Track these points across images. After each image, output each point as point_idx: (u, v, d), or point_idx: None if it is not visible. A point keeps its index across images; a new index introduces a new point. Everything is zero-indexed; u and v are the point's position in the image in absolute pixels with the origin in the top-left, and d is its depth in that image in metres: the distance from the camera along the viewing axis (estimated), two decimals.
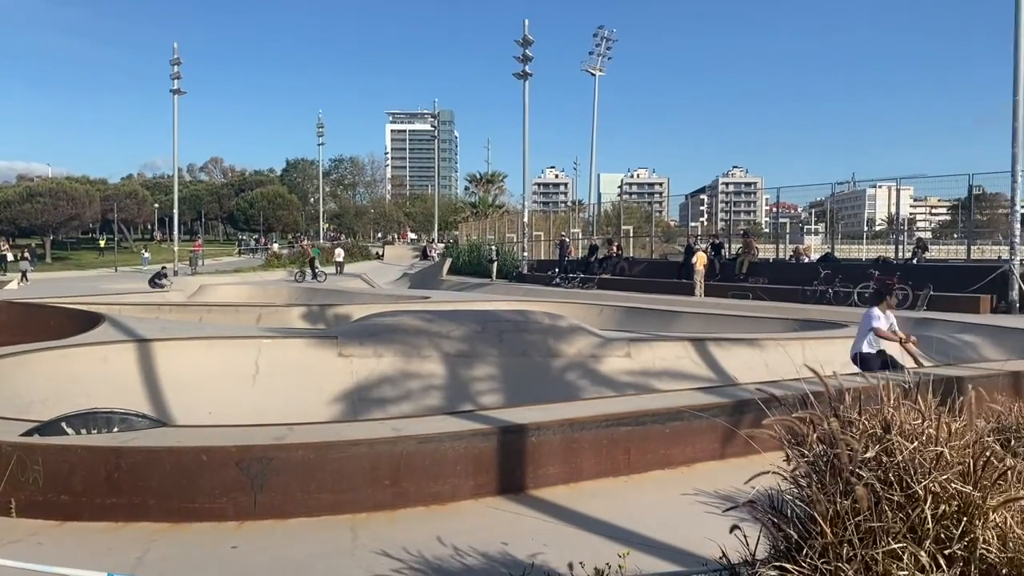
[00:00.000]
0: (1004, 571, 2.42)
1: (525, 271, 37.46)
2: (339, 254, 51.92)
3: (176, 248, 49.41)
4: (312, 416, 8.92)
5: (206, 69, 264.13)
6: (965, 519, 2.45)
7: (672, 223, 79.74)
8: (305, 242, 54.56)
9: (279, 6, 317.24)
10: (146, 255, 62.05)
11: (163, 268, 36.75)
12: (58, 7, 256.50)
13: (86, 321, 12.98)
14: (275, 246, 51.69)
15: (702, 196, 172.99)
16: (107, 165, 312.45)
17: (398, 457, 5.34)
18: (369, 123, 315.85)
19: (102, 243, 57.48)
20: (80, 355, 10.20)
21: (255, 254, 69.01)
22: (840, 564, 2.42)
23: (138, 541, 4.76)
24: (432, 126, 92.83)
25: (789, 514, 2.71)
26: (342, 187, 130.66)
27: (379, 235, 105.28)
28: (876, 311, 9.67)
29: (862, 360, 9.47)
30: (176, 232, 50.47)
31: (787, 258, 30.60)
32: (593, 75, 49.64)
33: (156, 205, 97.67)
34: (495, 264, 38.01)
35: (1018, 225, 21.24)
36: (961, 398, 3.02)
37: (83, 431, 5.44)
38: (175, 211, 49.91)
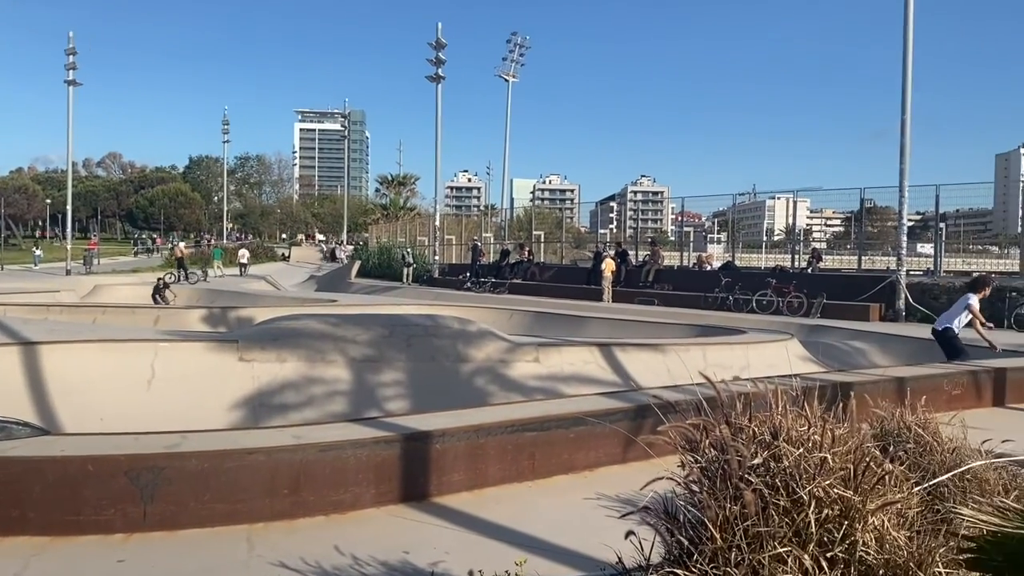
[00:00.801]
0: (882, 572, 2.53)
1: (436, 275, 37.32)
2: (243, 255, 50.79)
3: (69, 246, 47.12)
4: (211, 423, 8.63)
5: (105, 59, 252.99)
6: (846, 523, 2.55)
7: (583, 229, 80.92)
8: (180, 244, 52.86)
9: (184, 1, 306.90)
10: (37, 253, 58.99)
11: (166, 276, 32.81)
12: None
13: None
14: (181, 244, 49.92)
15: (611, 204, 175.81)
16: None
17: (298, 465, 5.22)
18: (277, 121, 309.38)
19: None
20: None
21: (151, 254, 65.52)
22: (729, 568, 2.49)
23: (16, 557, 4.49)
24: (342, 126, 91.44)
25: (682, 519, 2.76)
26: (248, 186, 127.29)
27: (283, 236, 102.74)
28: (973, 296, 11.67)
29: (950, 337, 11.64)
30: (69, 229, 48.13)
31: (691, 266, 31.47)
32: (507, 81, 50.00)
33: (48, 201, 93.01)
34: (411, 268, 37.50)
35: (904, 237, 22.45)
36: (841, 404, 3.14)
37: None
38: (68, 207, 47.61)
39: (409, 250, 40.06)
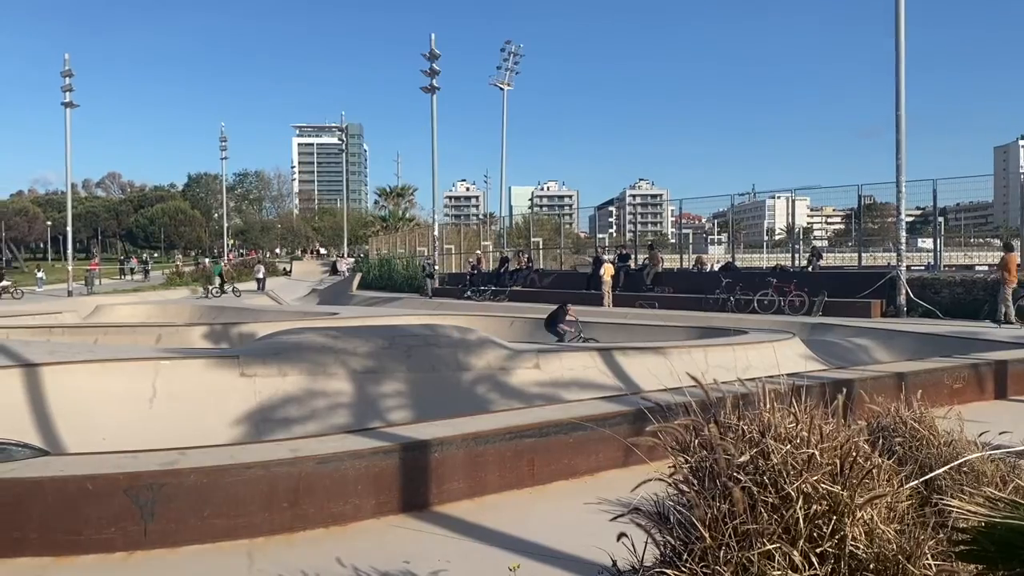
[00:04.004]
0: (872, 566, 2.53)
1: (437, 284, 37.34)
2: (259, 270, 51.59)
3: (71, 268, 47.20)
4: (213, 439, 8.62)
5: (102, 79, 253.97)
6: (835, 518, 2.56)
7: (582, 234, 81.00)
8: (206, 260, 53.65)
9: (178, 16, 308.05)
10: (40, 275, 59.09)
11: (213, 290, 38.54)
12: None
13: None
14: (207, 261, 50.59)
15: (610, 208, 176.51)
16: None
17: (297, 478, 5.23)
18: (275, 137, 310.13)
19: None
20: None
21: (139, 276, 62.55)
22: (718, 567, 2.49)
23: None
24: (340, 139, 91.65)
25: (673, 520, 2.77)
26: (248, 202, 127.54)
27: (278, 251, 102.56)
28: None
29: None
30: (70, 251, 48.21)
31: (691, 267, 31.48)
32: (502, 89, 50.10)
33: (49, 223, 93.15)
34: (433, 280, 36.72)
35: (903, 233, 22.46)
36: (834, 402, 3.15)
37: None
38: (68, 229, 47.71)
39: (431, 261, 39.58)
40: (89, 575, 4.59)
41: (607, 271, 27.37)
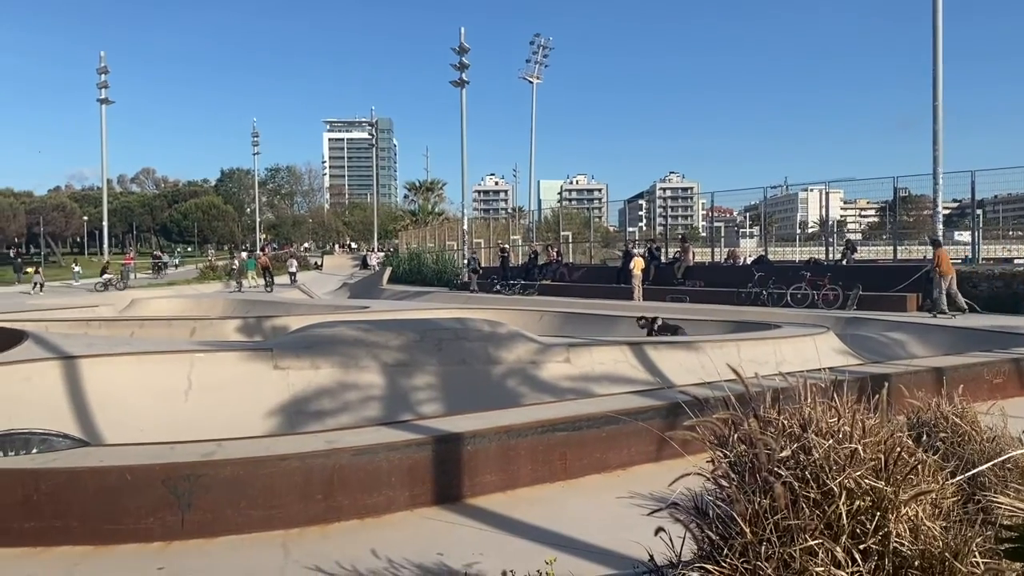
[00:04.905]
0: (917, 563, 2.48)
1: (466, 279, 37.39)
2: (292, 264, 52.22)
3: (107, 261, 47.98)
4: (247, 431, 8.72)
5: (137, 78, 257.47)
6: (879, 514, 2.52)
7: (611, 228, 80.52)
8: (258, 253, 54.14)
9: (211, 14, 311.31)
10: (77, 269, 60.14)
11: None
12: None
13: (8, 339, 12.48)
14: (259, 253, 51.06)
15: (640, 201, 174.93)
16: (32, 177, 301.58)
17: (331, 470, 5.26)
18: (306, 132, 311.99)
19: (30, 270, 55.42)
20: (1, 374, 9.80)
21: (157, 273, 59.86)
22: (759, 563, 2.46)
23: (60, 566, 4.59)
24: (370, 134, 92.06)
25: (712, 515, 2.74)
26: (279, 197, 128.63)
27: (305, 246, 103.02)
28: None
29: None
30: (106, 246, 49.01)
31: (723, 261, 31.19)
32: (531, 83, 50.01)
33: (85, 218, 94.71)
34: (477, 275, 36.18)
35: (940, 226, 22.08)
36: (875, 395, 3.09)
37: None
38: (104, 224, 48.52)
39: (475, 256, 39.28)
40: (128, 564, 4.66)
41: (637, 265, 27.21)
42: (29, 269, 47.83)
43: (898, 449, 2.65)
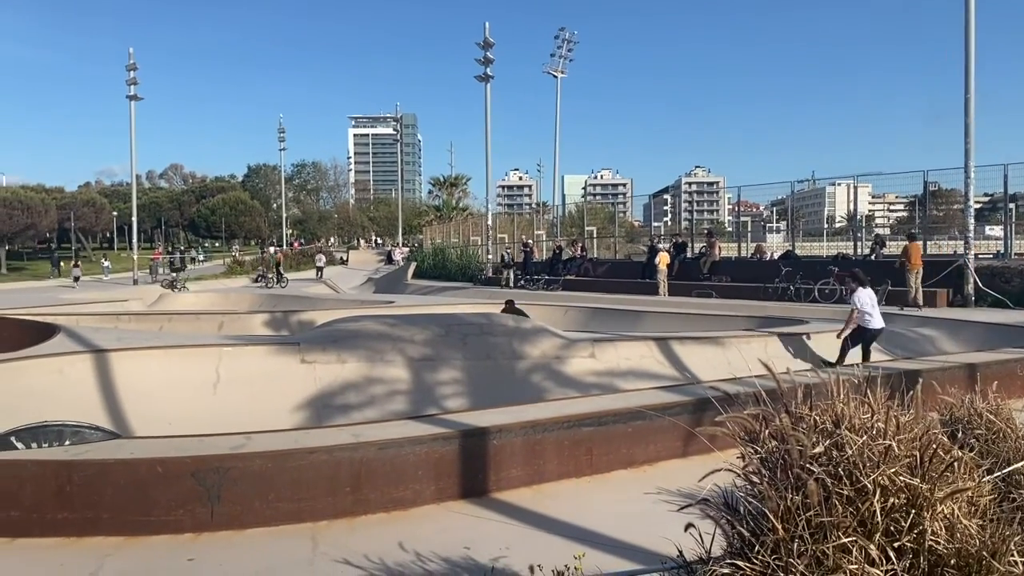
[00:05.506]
0: (952, 562, 2.45)
1: (490, 274, 37.39)
2: (320, 259, 52.82)
3: (135, 257, 48.52)
4: (275, 424, 8.79)
5: (165, 74, 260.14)
6: (913, 511, 2.48)
7: (636, 223, 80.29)
8: (272, 248, 54.58)
9: (237, 11, 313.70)
10: (106, 264, 60.93)
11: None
12: (5, 14, 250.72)
13: (41, 332, 12.69)
14: (272, 249, 51.52)
15: (665, 196, 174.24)
16: (63, 173, 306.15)
17: (358, 463, 5.29)
18: (331, 127, 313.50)
19: (64, 265, 56.45)
20: (34, 367, 9.96)
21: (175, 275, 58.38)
22: (791, 559, 2.43)
23: (91, 557, 4.65)
24: (394, 130, 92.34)
25: (742, 511, 2.71)
26: (305, 192, 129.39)
27: (329, 241, 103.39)
28: None
29: None
30: (135, 241, 49.56)
31: (749, 256, 30.92)
32: (555, 77, 49.79)
33: (114, 213, 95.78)
34: (511, 269, 35.82)
35: (972, 220, 21.70)
36: (907, 392, 3.05)
37: (33, 445, 5.30)
38: (133, 219, 49.01)
39: (510, 251, 38.95)
40: (159, 555, 4.71)
41: (662, 260, 27.05)
42: (66, 264, 48.62)
43: (933, 446, 2.61)
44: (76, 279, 45.66)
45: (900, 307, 18.82)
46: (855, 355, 11.60)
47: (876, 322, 11.59)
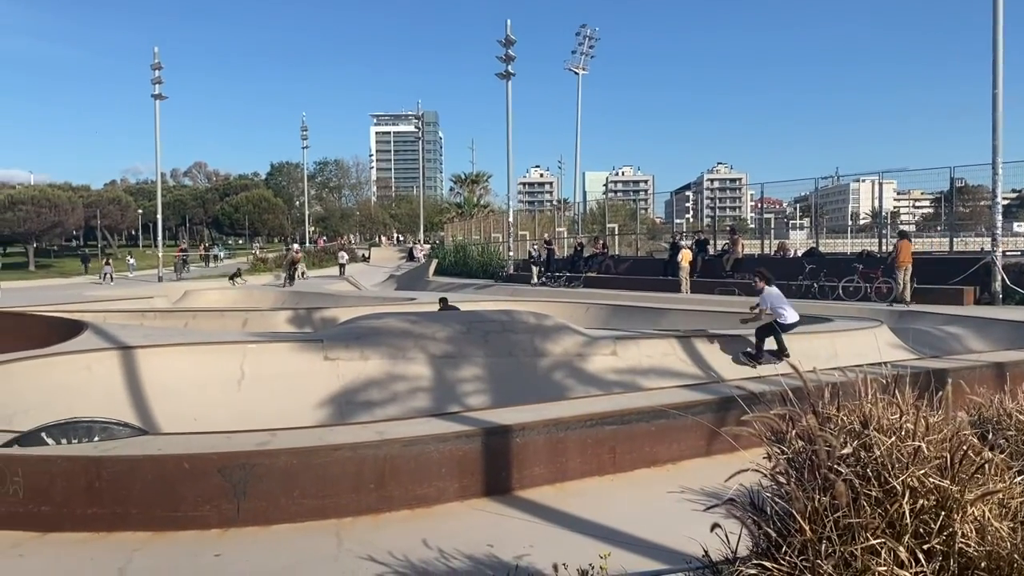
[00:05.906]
0: (983, 564, 2.42)
1: (512, 271, 37.39)
2: (343, 256, 53.12)
3: (160, 254, 49.06)
4: (299, 421, 8.85)
5: (188, 73, 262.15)
6: (943, 513, 2.45)
7: (658, 220, 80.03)
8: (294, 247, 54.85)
9: (261, 10, 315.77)
10: (131, 261, 61.65)
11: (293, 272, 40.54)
12: (34, 13, 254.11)
13: (68, 329, 12.85)
14: (296, 247, 51.69)
15: (687, 193, 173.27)
16: (89, 171, 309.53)
17: (382, 461, 5.32)
18: (353, 125, 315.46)
19: (93, 263, 57.45)
20: (62, 364, 10.09)
21: (184, 267, 55.64)
22: (819, 561, 2.42)
23: (120, 551, 4.71)
24: (416, 127, 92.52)
25: (769, 511, 2.70)
26: (327, 190, 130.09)
27: (349, 238, 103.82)
28: None
29: None
30: (160, 238, 50.10)
31: (772, 253, 30.70)
32: (576, 74, 49.71)
33: (140, 211, 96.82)
34: (538, 267, 35.54)
35: (999, 217, 21.42)
36: (936, 391, 3.02)
37: (63, 441, 5.38)
38: (158, 217, 49.58)
39: (536, 247, 38.85)
40: (186, 550, 4.77)
41: (684, 257, 26.92)
42: (95, 261, 49.28)
43: (964, 447, 2.58)
44: (108, 276, 46.28)
45: (888, 303, 19.35)
46: (771, 344, 11.69)
47: (790, 316, 11.66)
